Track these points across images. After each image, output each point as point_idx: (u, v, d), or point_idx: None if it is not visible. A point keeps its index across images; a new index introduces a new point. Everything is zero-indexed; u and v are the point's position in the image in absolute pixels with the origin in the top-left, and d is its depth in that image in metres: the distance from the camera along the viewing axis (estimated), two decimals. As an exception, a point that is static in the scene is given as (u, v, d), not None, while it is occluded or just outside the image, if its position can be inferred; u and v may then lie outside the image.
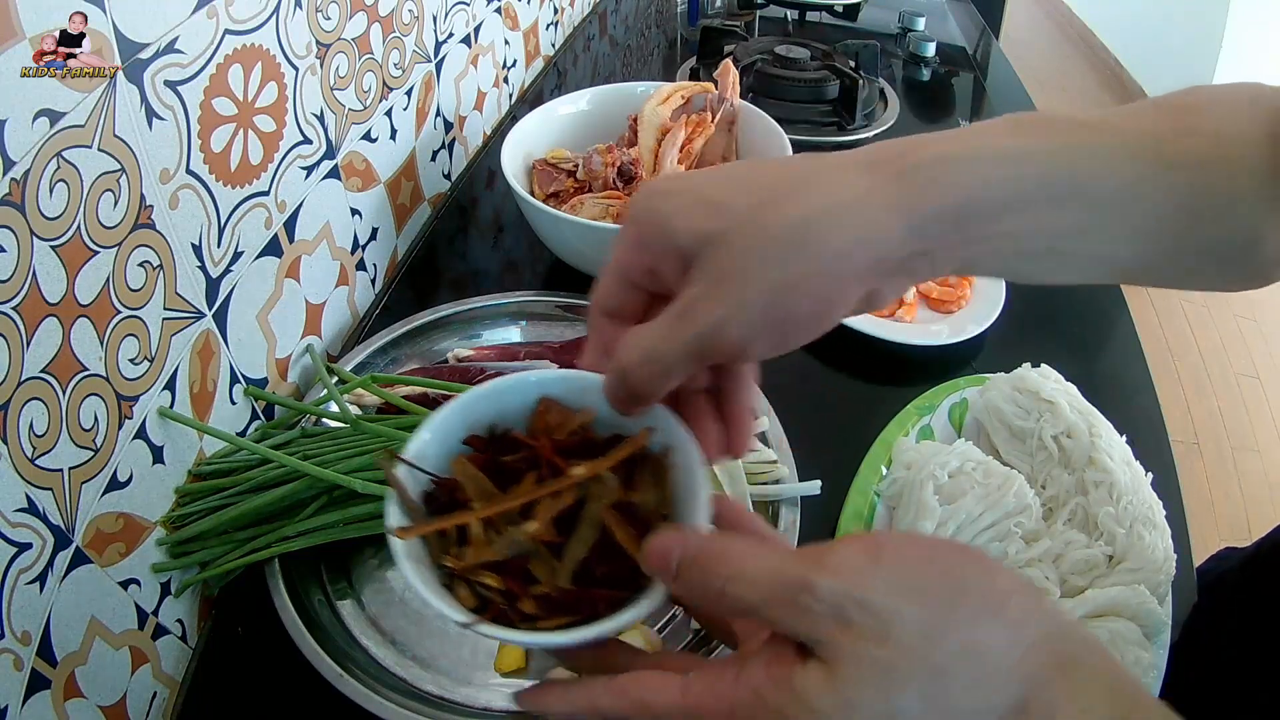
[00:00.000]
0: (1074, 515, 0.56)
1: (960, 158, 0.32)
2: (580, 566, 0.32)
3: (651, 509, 0.34)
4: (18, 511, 0.39)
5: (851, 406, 0.71)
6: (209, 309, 0.54)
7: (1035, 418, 0.60)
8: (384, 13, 0.72)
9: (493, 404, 0.36)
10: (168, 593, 0.52)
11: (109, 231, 0.44)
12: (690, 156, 0.83)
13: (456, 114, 0.94)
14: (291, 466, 0.53)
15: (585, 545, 0.33)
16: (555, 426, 0.35)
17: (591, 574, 0.33)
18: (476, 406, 0.36)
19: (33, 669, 0.40)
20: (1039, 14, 4.48)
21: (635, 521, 0.33)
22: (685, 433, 0.34)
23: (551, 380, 0.36)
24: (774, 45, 1.19)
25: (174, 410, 0.51)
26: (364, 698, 0.47)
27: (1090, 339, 0.80)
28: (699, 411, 0.36)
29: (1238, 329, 2.49)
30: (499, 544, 0.32)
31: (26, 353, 0.39)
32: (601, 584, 0.33)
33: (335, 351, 0.73)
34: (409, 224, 0.86)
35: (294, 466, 0.53)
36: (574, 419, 0.36)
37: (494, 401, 0.36)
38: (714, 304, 0.30)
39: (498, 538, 0.32)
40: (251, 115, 0.55)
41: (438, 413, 0.35)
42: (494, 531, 0.33)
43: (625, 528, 0.33)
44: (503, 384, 0.36)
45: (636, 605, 0.31)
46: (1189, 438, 2.12)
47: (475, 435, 0.36)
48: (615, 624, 0.31)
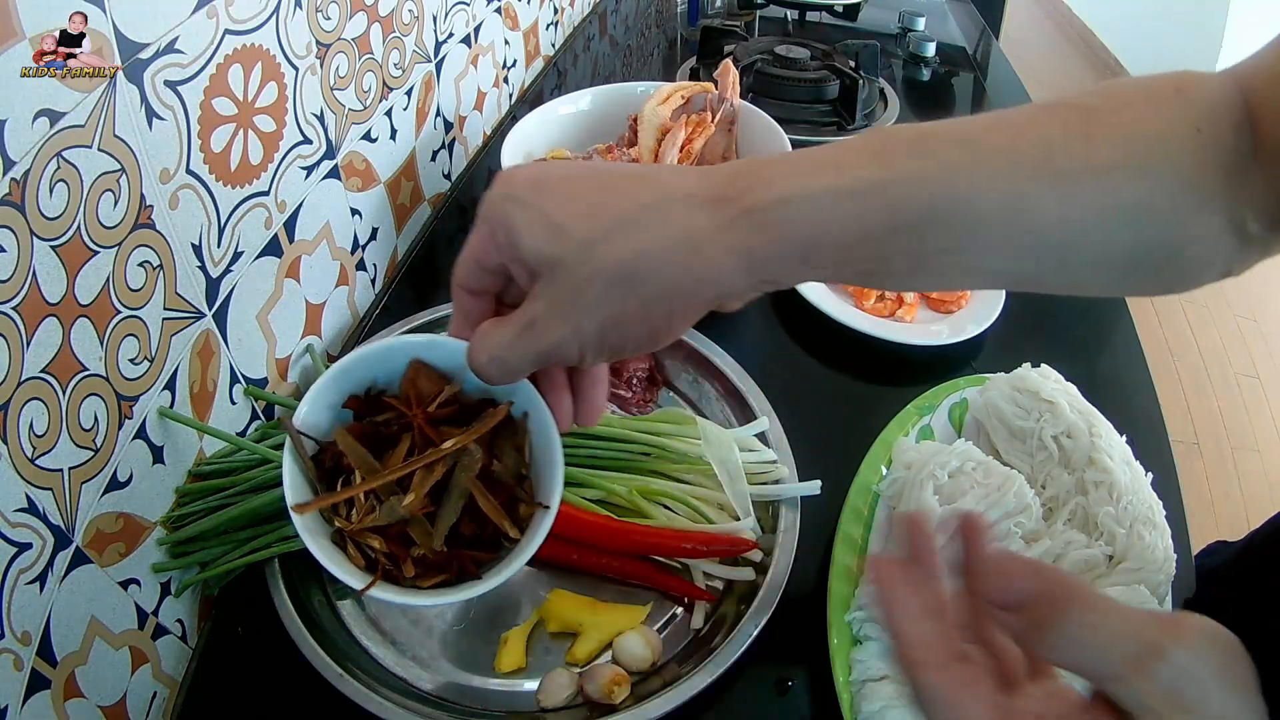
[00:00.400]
0: (1074, 515, 0.56)
1: (802, 199, 0.32)
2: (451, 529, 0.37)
3: (512, 473, 0.38)
4: (18, 511, 0.39)
5: (851, 406, 0.71)
6: (209, 309, 0.54)
7: (1035, 418, 0.60)
8: (384, 13, 0.72)
9: (369, 368, 0.39)
10: (168, 593, 0.52)
11: (109, 231, 0.44)
12: (690, 156, 0.83)
13: (456, 114, 0.94)
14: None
15: (455, 512, 0.37)
16: (425, 391, 0.39)
17: (460, 536, 0.37)
18: (354, 370, 0.39)
19: (33, 669, 0.40)
20: (1039, 14, 4.47)
21: (497, 487, 0.38)
22: (542, 402, 0.38)
23: (420, 345, 0.39)
24: (774, 45, 1.19)
25: (174, 410, 0.51)
26: (364, 698, 0.47)
27: (1090, 339, 0.80)
28: (555, 384, 0.38)
29: (1238, 329, 2.49)
30: (381, 512, 0.36)
31: (26, 353, 0.39)
32: (470, 545, 0.37)
33: (335, 351, 0.73)
34: (409, 224, 0.86)
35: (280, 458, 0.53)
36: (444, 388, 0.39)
37: (370, 365, 0.39)
38: (554, 324, 0.33)
39: (380, 505, 0.36)
40: (251, 115, 0.55)
41: (319, 380, 0.38)
42: (376, 500, 0.36)
43: (488, 496, 0.37)
44: (377, 348, 0.39)
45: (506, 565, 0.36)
46: (1189, 438, 2.12)
47: (354, 396, 0.39)
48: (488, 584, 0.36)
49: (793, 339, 0.76)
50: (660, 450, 0.60)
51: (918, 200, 0.33)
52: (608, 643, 0.53)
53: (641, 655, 0.51)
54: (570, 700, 0.50)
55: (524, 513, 0.39)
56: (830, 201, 0.32)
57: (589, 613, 0.54)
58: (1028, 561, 0.31)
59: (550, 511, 0.38)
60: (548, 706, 0.50)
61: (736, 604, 0.54)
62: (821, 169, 0.33)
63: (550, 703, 0.50)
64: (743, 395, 0.65)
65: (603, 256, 0.31)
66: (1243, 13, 3.02)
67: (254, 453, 0.55)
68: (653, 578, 0.56)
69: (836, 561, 0.55)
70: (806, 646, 0.52)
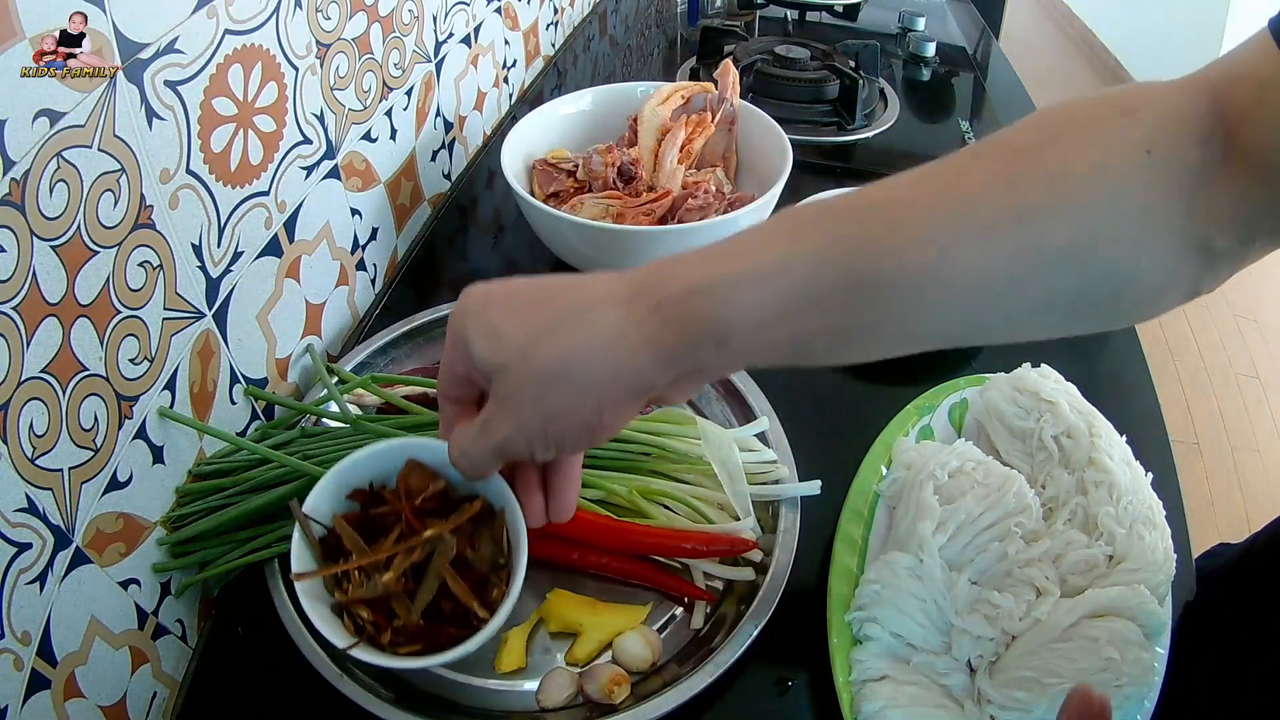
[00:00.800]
0: (1074, 515, 0.56)
1: (712, 287, 0.33)
2: (430, 606, 0.43)
3: (488, 561, 0.44)
4: (18, 511, 0.39)
5: (851, 406, 0.71)
6: (209, 309, 0.54)
7: (1035, 418, 0.60)
8: (384, 13, 0.72)
9: (371, 465, 0.46)
10: (168, 593, 0.52)
11: (109, 231, 0.44)
12: (690, 156, 0.83)
13: (456, 114, 0.94)
14: (292, 466, 0.53)
15: (430, 592, 0.43)
16: (417, 487, 0.46)
17: (440, 611, 0.43)
18: (358, 467, 0.46)
19: (33, 669, 0.40)
20: (1039, 14, 4.47)
21: (470, 572, 0.44)
22: (514, 498, 0.44)
23: (416, 446, 0.46)
24: (774, 45, 1.19)
25: (174, 410, 0.51)
26: (364, 698, 0.47)
27: (1090, 339, 0.80)
28: (528, 483, 0.43)
29: (1238, 329, 2.49)
30: (369, 586, 0.43)
31: (26, 353, 0.39)
32: (447, 620, 0.43)
33: (335, 351, 0.73)
34: (409, 224, 0.86)
35: (294, 466, 0.53)
36: (432, 483, 0.46)
37: (372, 462, 0.46)
38: (502, 423, 0.37)
39: (368, 581, 0.43)
40: (251, 115, 0.55)
41: (328, 473, 0.45)
42: (365, 576, 0.43)
43: (458, 580, 0.43)
44: (378, 449, 0.46)
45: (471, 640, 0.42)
46: (1189, 438, 2.12)
47: (359, 490, 0.47)
48: (454, 654, 0.42)
49: (793, 339, 0.76)
50: (660, 450, 0.60)
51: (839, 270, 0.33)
52: (608, 643, 0.53)
53: (641, 655, 0.51)
54: (570, 700, 0.50)
55: (495, 595, 0.44)
56: (741, 286, 0.33)
57: (589, 613, 0.54)
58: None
59: (509, 596, 0.43)
60: (548, 707, 0.50)
61: (736, 604, 0.54)
62: (735, 257, 0.34)
63: (550, 703, 0.50)
64: (743, 395, 0.65)
65: (533, 360, 0.35)
66: (1243, 13, 3.02)
67: (254, 452, 0.55)
68: (653, 578, 0.56)
69: (836, 561, 0.55)
70: (806, 646, 0.52)
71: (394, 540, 0.44)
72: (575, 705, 0.51)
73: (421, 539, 0.43)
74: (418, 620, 0.43)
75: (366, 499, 0.47)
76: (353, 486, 0.47)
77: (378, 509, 0.46)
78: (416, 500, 0.45)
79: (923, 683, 0.48)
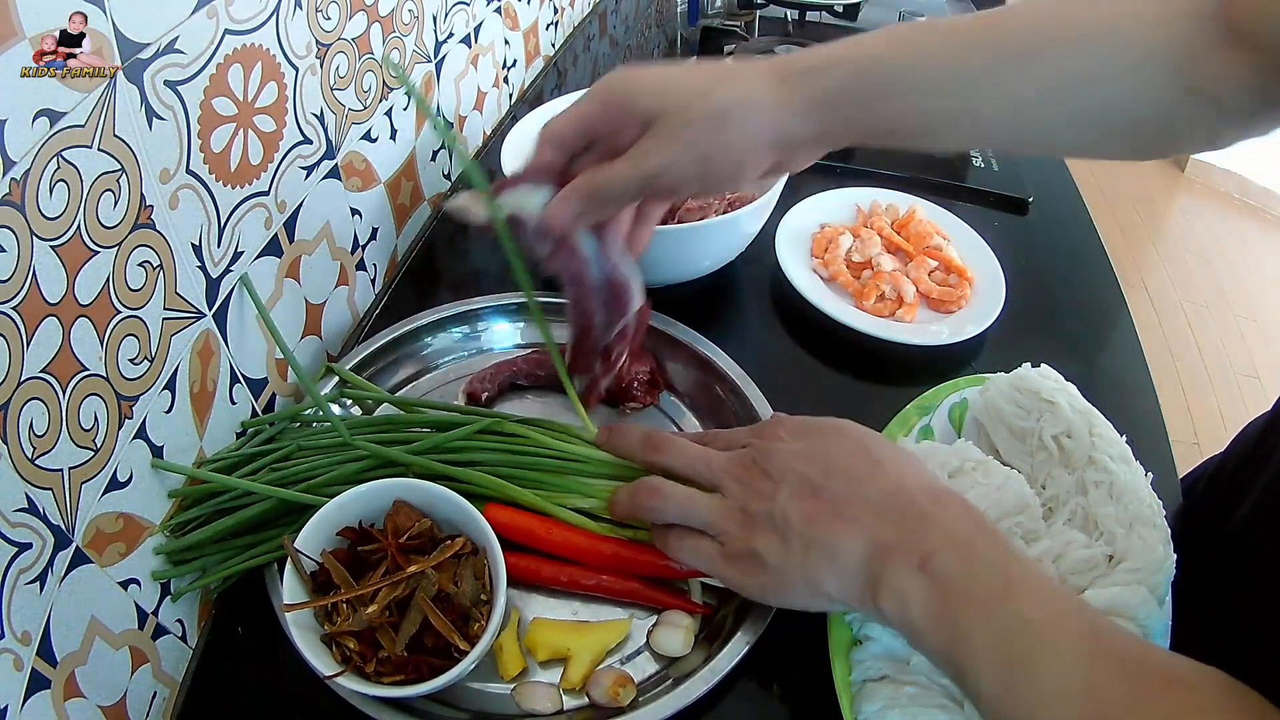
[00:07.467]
0: (1074, 515, 0.55)
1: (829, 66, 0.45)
2: (414, 638, 0.46)
3: (470, 597, 0.48)
4: (18, 511, 0.39)
5: (851, 406, 0.70)
6: (209, 309, 0.54)
7: (1035, 418, 0.60)
8: (384, 13, 0.72)
9: (361, 504, 0.51)
10: (168, 593, 0.52)
11: (109, 231, 0.44)
12: (690, 156, 0.83)
13: (456, 114, 0.94)
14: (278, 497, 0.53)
15: (414, 625, 0.46)
16: (403, 525, 0.50)
17: (423, 644, 0.46)
18: (348, 506, 0.50)
19: (33, 669, 0.40)
20: (1039, 14, 4.47)
21: (452, 607, 0.47)
22: (495, 540, 0.49)
23: (402, 487, 0.51)
24: (774, 45, 1.19)
25: (172, 415, 0.51)
26: (364, 699, 0.47)
27: (1090, 339, 0.80)
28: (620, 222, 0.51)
29: (1238, 329, 2.49)
30: (355, 619, 0.46)
31: (26, 353, 0.39)
32: (429, 653, 0.46)
33: (335, 351, 0.73)
34: (409, 224, 0.86)
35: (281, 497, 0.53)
36: (418, 522, 0.50)
37: (362, 502, 0.51)
38: (662, 153, 0.44)
39: (354, 614, 0.46)
40: (251, 115, 0.55)
41: (320, 512, 0.49)
42: (351, 609, 0.46)
43: (438, 614, 0.46)
44: (368, 489, 0.50)
45: (451, 672, 0.45)
46: (1189, 438, 2.12)
47: (349, 528, 0.50)
48: (435, 684, 0.44)
49: (793, 339, 0.76)
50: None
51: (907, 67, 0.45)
52: (599, 661, 0.52)
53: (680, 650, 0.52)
54: (556, 708, 0.50)
55: (475, 630, 0.47)
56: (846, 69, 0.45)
57: (575, 635, 0.52)
58: None
59: (488, 631, 0.46)
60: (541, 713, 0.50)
61: (736, 604, 0.54)
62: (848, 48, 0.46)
63: (543, 710, 0.50)
64: (743, 395, 0.65)
65: (699, 105, 0.44)
66: None
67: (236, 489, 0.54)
68: (648, 595, 0.54)
69: (836, 561, 0.55)
70: (806, 646, 0.52)
71: (380, 575, 0.47)
72: (581, 708, 0.50)
73: (405, 574, 0.47)
74: (401, 652, 0.45)
75: (356, 537, 0.50)
76: (343, 524, 0.50)
77: (366, 546, 0.49)
78: (402, 538, 0.49)
79: (922, 683, 0.48)
